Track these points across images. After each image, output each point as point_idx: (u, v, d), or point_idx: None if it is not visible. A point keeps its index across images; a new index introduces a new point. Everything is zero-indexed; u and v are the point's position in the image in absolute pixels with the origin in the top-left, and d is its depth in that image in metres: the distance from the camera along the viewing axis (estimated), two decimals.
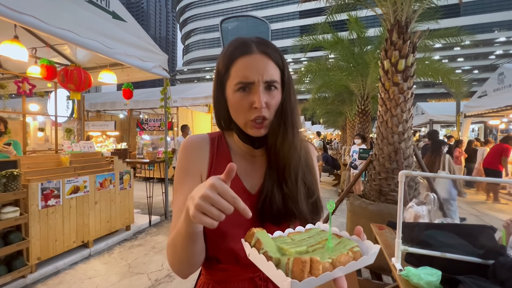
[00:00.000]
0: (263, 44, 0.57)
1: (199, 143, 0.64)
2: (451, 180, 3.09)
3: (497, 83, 6.15)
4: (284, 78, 0.59)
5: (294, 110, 0.60)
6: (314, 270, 0.32)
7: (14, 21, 2.13)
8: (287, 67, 0.60)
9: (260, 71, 0.55)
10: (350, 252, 0.37)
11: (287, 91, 0.59)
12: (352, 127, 9.34)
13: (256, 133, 0.57)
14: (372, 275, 2.47)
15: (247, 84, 0.55)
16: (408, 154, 2.80)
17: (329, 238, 0.38)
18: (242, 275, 0.59)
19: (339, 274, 0.34)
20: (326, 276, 0.32)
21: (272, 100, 0.57)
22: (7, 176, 2.27)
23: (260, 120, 0.56)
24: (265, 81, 0.55)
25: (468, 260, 1.07)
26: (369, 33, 7.07)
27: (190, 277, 1.59)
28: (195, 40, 71.32)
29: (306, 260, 0.32)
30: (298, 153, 0.60)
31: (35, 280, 2.46)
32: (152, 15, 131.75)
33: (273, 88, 0.56)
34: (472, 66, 43.03)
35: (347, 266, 0.35)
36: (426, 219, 1.52)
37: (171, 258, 0.55)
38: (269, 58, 0.56)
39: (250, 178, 0.63)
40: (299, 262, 0.32)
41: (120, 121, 9.64)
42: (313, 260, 0.32)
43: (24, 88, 3.91)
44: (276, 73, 0.57)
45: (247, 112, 0.56)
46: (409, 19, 2.76)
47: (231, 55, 0.57)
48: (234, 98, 0.57)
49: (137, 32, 3.53)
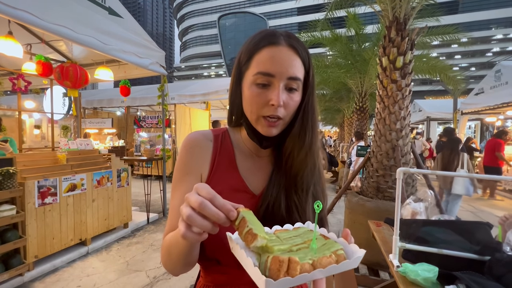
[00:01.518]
0: (293, 39, 0.53)
1: (201, 140, 0.61)
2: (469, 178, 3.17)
3: (494, 80, 6.18)
4: (308, 80, 0.55)
5: (315, 115, 0.57)
6: (291, 270, 0.31)
7: (8, 16, 2.09)
8: (313, 69, 0.56)
9: (284, 65, 0.51)
10: (333, 255, 0.36)
11: (310, 93, 0.56)
12: (350, 124, 9.37)
13: (267, 132, 0.54)
14: (369, 272, 2.49)
15: (268, 75, 0.51)
16: (406, 151, 2.81)
17: (313, 239, 0.37)
18: (243, 279, 0.55)
19: (318, 276, 0.33)
20: (303, 277, 0.31)
21: (291, 101, 0.53)
22: (3, 174, 2.25)
23: (275, 119, 0.52)
24: (288, 76, 0.51)
25: (465, 256, 1.08)
26: (367, 30, 7.06)
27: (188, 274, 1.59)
28: (192, 36, 70.82)
29: (284, 259, 0.32)
30: (314, 161, 0.57)
31: (33, 278, 2.45)
32: (149, 11, 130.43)
33: (294, 89, 0.53)
34: (469, 63, 43.23)
35: (327, 269, 0.34)
36: (423, 216, 1.53)
37: (165, 260, 0.53)
38: (296, 53, 0.52)
39: (254, 178, 0.60)
40: (277, 261, 0.32)
41: (117, 118, 9.59)
42: (291, 260, 0.32)
43: (19, 85, 3.86)
44: (301, 72, 0.53)
45: (262, 107, 0.52)
46: (407, 16, 2.75)
47: (256, 44, 0.53)
48: (250, 91, 0.53)
49: (133, 28, 3.49)
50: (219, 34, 63.93)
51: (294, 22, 54.91)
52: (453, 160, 3.47)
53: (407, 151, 2.83)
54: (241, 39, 54.59)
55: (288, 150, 0.56)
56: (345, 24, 6.72)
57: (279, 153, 0.60)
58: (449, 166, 3.45)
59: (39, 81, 4.56)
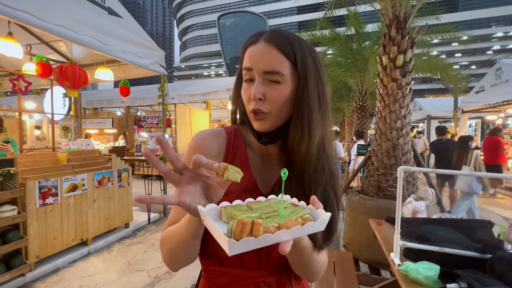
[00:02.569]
0: (272, 33, 0.53)
1: (210, 140, 0.60)
2: None
3: (494, 78, 6.16)
4: (297, 71, 0.53)
5: (314, 108, 0.54)
6: (255, 232, 0.32)
7: (8, 17, 2.09)
8: (304, 61, 0.53)
9: (258, 59, 0.52)
10: (299, 219, 0.37)
11: (303, 86, 0.53)
12: (350, 123, 9.35)
13: (257, 127, 0.54)
14: (370, 270, 2.49)
15: (248, 70, 0.53)
16: (407, 150, 2.81)
17: (280, 205, 0.38)
18: (247, 280, 0.56)
19: (283, 237, 0.34)
20: (266, 237, 0.32)
21: (274, 94, 0.52)
22: (4, 175, 2.26)
23: (259, 113, 0.52)
24: (262, 70, 0.51)
25: (466, 254, 1.08)
26: (367, 29, 7.05)
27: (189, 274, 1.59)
28: (192, 36, 70.73)
29: (247, 221, 0.32)
30: (321, 160, 0.54)
31: (34, 278, 2.46)
32: (149, 11, 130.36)
33: (276, 81, 0.52)
34: (469, 61, 43.10)
35: (292, 230, 0.34)
36: (424, 214, 1.53)
37: (165, 252, 0.54)
38: (272, 46, 0.51)
39: (264, 177, 0.60)
40: (240, 224, 0.32)
41: (118, 118, 9.59)
42: (254, 222, 0.32)
43: (19, 86, 3.86)
44: (280, 64, 0.51)
45: (248, 103, 0.54)
46: (407, 14, 2.75)
47: (243, 45, 0.57)
48: (242, 88, 0.56)
49: (133, 28, 3.49)
50: (218, 34, 63.86)
51: (294, 21, 54.82)
52: (462, 158, 3.47)
53: (408, 150, 2.83)
54: (241, 39, 54.53)
55: (290, 146, 0.55)
56: (345, 22, 6.71)
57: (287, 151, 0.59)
58: (458, 165, 3.46)
59: (39, 81, 4.56)
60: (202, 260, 0.59)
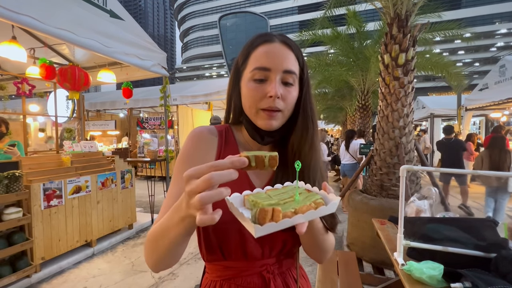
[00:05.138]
0: (285, 37, 0.57)
1: (207, 135, 0.61)
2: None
3: (498, 75, 6.10)
4: (303, 77, 0.58)
5: (314, 110, 0.59)
6: (275, 218, 0.37)
7: (11, 21, 2.12)
8: (307, 68, 0.60)
9: (279, 59, 0.54)
10: (313, 203, 0.41)
11: (306, 90, 0.58)
12: (352, 122, 9.33)
13: (266, 124, 0.55)
14: (374, 270, 2.48)
15: (264, 70, 0.53)
16: (409, 149, 2.79)
17: (296, 192, 0.43)
18: (250, 270, 0.58)
19: (299, 220, 0.39)
20: (285, 222, 0.37)
21: (289, 95, 0.55)
22: (9, 177, 2.28)
23: (274, 111, 0.54)
24: (284, 69, 0.54)
25: (470, 253, 1.07)
26: (368, 27, 7.01)
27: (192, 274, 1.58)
28: (193, 37, 70.95)
29: (269, 209, 0.38)
30: (317, 155, 0.59)
31: (40, 279, 2.48)
32: (150, 13, 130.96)
33: (290, 83, 0.55)
34: (473, 58, 42.72)
35: (306, 214, 0.39)
36: (428, 213, 1.52)
37: (150, 251, 0.50)
38: (290, 49, 0.55)
39: (258, 175, 0.61)
40: (263, 212, 0.38)
41: (120, 120, 9.65)
42: (275, 210, 0.38)
43: (23, 89, 3.90)
44: (295, 66, 0.56)
45: (260, 101, 0.54)
46: (409, 12, 2.73)
47: (252, 43, 0.57)
48: (248, 87, 0.55)
49: (135, 30, 3.51)
50: (220, 35, 63.95)
51: (295, 21, 54.76)
52: (505, 159, 3.45)
53: (411, 149, 2.81)
54: (242, 39, 54.57)
55: (294, 145, 0.58)
56: (346, 21, 6.68)
57: (281, 150, 0.59)
58: (502, 165, 3.43)
59: (43, 84, 4.61)
60: (205, 257, 0.60)
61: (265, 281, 0.58)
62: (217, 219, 0.36)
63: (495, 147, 3.61)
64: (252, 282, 0.58)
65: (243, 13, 62.17)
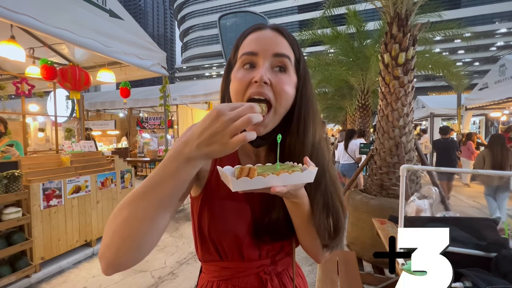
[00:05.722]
0: (278, 25, 0.54)
1: None
2: None
3: (498, 75, 6.09)
4: (299, 66, 0.53)
5: (310, 104, 0.53)
6: (251, 175, 0.40)
7: (10, 21, 2.11)
8: (304, 61, 0.54)
9: (268, 42, 0.49)
10: (291, 171, 0.43)
11: (303, 81, 0.52)
12: (352, 122, 9.32)
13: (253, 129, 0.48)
14: (374, 270, 2.48)
15: (251, 54, 0.49)
16: (409, 148, 2.79)
17: (277, 161, 0.46)
18: (247, 271, 0.57)
19: (273, 181, 0.40)
20: (259, 179, 0.39)
21: (279, 81, 0.48)
22: (8, 177, 2.28)
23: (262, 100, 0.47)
24: (274, 53, 0.49)
25: (471, 253, 1.07)
26: (368, 27, 7.01)
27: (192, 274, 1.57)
28: (193, 37, 70.89)
29: (245, 167, 0.42)
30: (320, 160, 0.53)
31: (40, 279, 2.48)
32: (150, 13, 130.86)
33: (282, 68, 0.49)
34: (473, 58, 42.69)
35: (281, 176, 0.41)
36: (428, 213, 1.52)
37: (117, 227, 0.43)
38: (281, 35, 0.51)
39: None
40: (240, 169, 0.42)
41: (120, 120, 9.64)
42: (251, 168, 0.42)
43: (23, 89, 3.89)
44: (288, 51, 0.51)
45: (246, 87, 0.48)
46: (409, 12, 2.73)
47: (242, 34, 0.54)
48: (235, 76, 0.50)
49: (134, 30, 3.50)
50: (220, 34, 63.87)
51: (295, 21, 54.72)
52: (507, 157, 3.45)
53: (411, 148, 2.81)
54: None
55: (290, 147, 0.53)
56: (346, 21, 6.68)
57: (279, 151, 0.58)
58: (504, 163, 3.44)
59: (43, 84, 4.60)
60: (201, 257, 0.60)
61: (262, 281, 0.57)
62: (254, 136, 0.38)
63: (496, 145, 3.61)
64: (249, 282, 0.57)
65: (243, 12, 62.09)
